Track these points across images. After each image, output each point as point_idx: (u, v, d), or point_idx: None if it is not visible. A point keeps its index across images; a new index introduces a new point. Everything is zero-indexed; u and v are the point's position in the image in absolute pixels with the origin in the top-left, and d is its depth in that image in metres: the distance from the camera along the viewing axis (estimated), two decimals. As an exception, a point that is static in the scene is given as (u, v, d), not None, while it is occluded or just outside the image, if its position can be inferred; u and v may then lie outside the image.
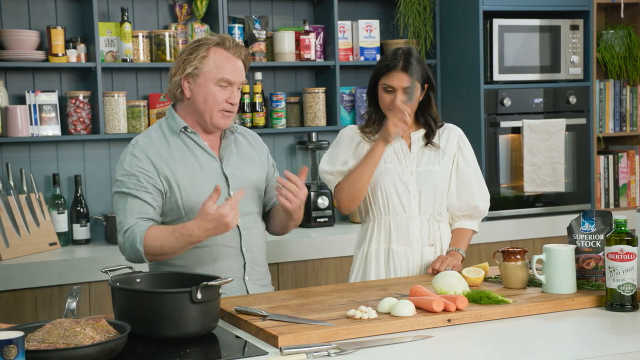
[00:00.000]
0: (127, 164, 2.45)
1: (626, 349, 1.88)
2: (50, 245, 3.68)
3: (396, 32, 4.43)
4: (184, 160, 2.48)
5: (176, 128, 2.50)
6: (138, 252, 2.36)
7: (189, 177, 2.47)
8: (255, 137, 2.71)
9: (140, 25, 3.99)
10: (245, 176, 2.56)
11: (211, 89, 2.45)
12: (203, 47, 2.45)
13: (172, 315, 1.95)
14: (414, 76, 2.69)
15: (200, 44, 2.46)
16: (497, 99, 4.21)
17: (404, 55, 2.71)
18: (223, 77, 2.44)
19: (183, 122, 2.50)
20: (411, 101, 2.71)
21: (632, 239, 2.19)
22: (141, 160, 2.44)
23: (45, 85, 3.85)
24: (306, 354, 1.83)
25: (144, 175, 2.43)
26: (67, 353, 1.73)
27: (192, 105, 2.49)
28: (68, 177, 3.89)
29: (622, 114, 4.65)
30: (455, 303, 2.13)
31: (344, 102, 4.28)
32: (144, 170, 2.43)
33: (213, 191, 2.27)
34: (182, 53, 2.50)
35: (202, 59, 2.44)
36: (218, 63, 2.44)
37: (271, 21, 4.25)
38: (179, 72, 2.47)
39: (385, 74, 2.72)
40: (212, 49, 2.45)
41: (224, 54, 2.45)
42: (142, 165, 2.44)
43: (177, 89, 2.49)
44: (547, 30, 4.31)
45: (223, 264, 2.49)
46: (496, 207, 4.23)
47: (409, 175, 2.76)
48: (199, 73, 2.44)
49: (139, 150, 2.46)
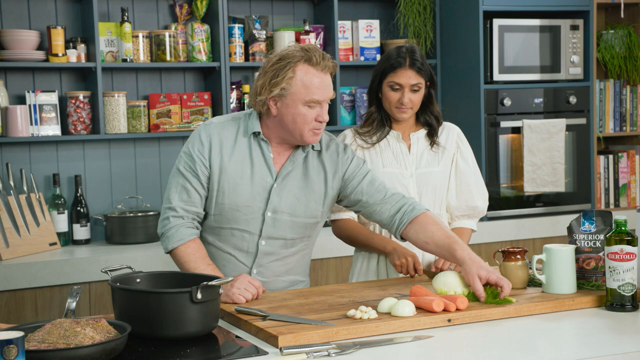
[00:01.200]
0: (191, 143, 2.45)
1: (626, 349, 1.88)
2: (51, 246, 3.68)
3: (396, 32, 4.43)
4: (239, 164, 2.43)
5: (248, 131, 2.43)
6: (166, 246, 2.43)
7: (234, 181, 2.42)
8: (339, 148, 2.53)
9: (140, 25, 3.99)
10: (292, 204, 2.44)
11: (300, 109, 2.34)
12: (289, 66, 2.33)
13: (172, 315, 1.95)
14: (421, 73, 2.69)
15: (286, 62, 2.34)
16: (497, 99, 4.21)
17: (410, 53, 2.71)
18: (312, 98, 2.34)
19: (258, 127, 2.41)
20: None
21: (632, 239, 2.19)
22: (203, 144, 2.43)
23: (45, 85, 3.85)
24: (306, 354, 1.83)
25: (199, 161, 2.42)
26: (68, 353, 1.73)
27: (279, 123, 2.39)
28: (68, 177, 3.90)
29: (622, 113, 4.65)
30: (455, 303, 2.13)
31: (344, 102, 4.28)
32: (202, 156, 2.43)
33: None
34: (266, 69, 2.38)
35: (289, 80, 2.33)
36: (306, 83, 2.33)
37: (271, 21, 4.25)
38: (264, 92, 2.35)
39: (392, 72, 2.71)
40: (298, 67, 2.34)
41: (311, 71, 2.35)
42: (203, 151, 2.43)
43: (263, 107, 2.39)
44: (547, 30, 4.31)
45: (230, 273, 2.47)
46: (496, 207, 4.23)
47: (408, 178, 2.76)
48: (286, 94, 2.34)
49: (207, 130, 2.45)
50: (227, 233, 2.46)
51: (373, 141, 2.78)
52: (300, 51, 2.37)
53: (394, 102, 2.72)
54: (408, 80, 2.69)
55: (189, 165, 2.44)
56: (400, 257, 2.63)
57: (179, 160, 2.48)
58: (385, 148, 2.78)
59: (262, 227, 2.44)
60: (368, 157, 2.77)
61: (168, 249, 2.43)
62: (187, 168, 2.44)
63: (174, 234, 2.41)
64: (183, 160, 2.46)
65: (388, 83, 2.72)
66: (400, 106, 2.71)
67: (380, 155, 2.77)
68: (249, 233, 2.45)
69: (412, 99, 2.70)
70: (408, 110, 2.72)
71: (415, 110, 2.75)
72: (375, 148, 2.78)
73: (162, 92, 4.01)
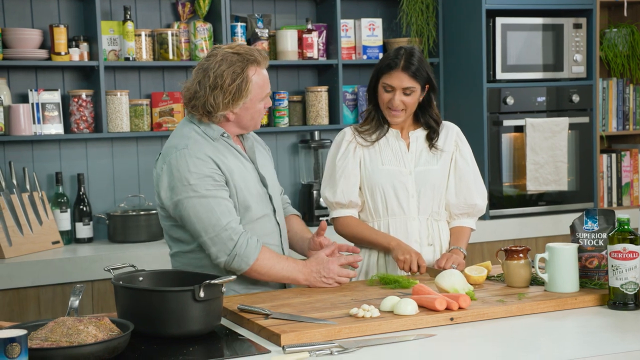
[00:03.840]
0: (193, 167, 2.38)
1: (629, 348, 1.88)
2: (53, 244, 3.68)
3: (399, 30, 4.43)
4: (233, 160, 2.49)
5: (215, 135, 2.47)
6: (246, 266, 2.39)
7: (241, 175, 2.48)
8: (258, 138, 2.73)
9: (143, 23, 3.99)
10: (271, 175, 2.62)
11: (257, 107, 2.49)
12: (244, 76, 2.41)
13: (174, 313, 1.95)
14: (415, 77, 2.69)
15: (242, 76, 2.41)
16: (500, 98, 4.21)
17: (406, 55, 2.70)
18: (267, 92, 2.50)
19: (221, 128, 2.49)
20: None
21: (635, 238, 2.19)
22: (205, 161, 2.41)
23: (48, 84, 3.85)
24: (309, 352, 1.83)
25: (216, 174, 2.41)
26: (70, 351, 1.74)
27: (235, 124, 2.51)
28: (71, 175, 3.90)
29: (625, 112, 4.65)
30: (457, 302, 2.13)
31: (347, 100, 4.27)
32: (214, 169, 2.41)
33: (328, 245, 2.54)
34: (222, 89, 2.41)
35: (247, 91, 2.43)
36: (260, 84, 2.46)
37: (274, 20, 4.25)
38: (228, 108, 2.43)
39: (386, 73, 2.72)
40: (250, 71, 2.43)
41: (259, 70, 2.46)
42: (210, 165, 2.41)
43: (220, 118, 2.47)
44: (550, 28, 4.30)
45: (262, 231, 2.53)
46: (499, 205, 4.23)
47: (407, 176, 2.76)
48: (247, 101, 2.45)
49: (197, 152, 2.41)
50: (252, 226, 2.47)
51: (372, 139, 2.78)
52: (242, 56, 2.44)
53: (386, 103, 2.73)
54: (400, 83, 2.69)
55: (211, 185, 2.39)
56: (404, 253, 2.63)
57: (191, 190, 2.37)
58: (385, 146, 2.78)
59: (273, 204, 2.57)
60: (367, 154, 2.77)
61: (249, 265, 2.39)
62: (211, 187, 2.39)
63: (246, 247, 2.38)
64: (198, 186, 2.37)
65: (382, 84, 2.73)
66: (391, 107, 2.71)
67: (379, 153, 2.77)
68: (267, 216, 2.53)
69: (403, 101, 2.70)
70: (400, 113, 2.72)
71: (409, 113, 2.75)
72: (374, 146, 2.78)
73: (165, 91, 4.01)
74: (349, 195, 2.76)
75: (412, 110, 2.75)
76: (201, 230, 2.38)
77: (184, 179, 2.38)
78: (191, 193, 2.37)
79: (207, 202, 2.38)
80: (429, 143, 2.78)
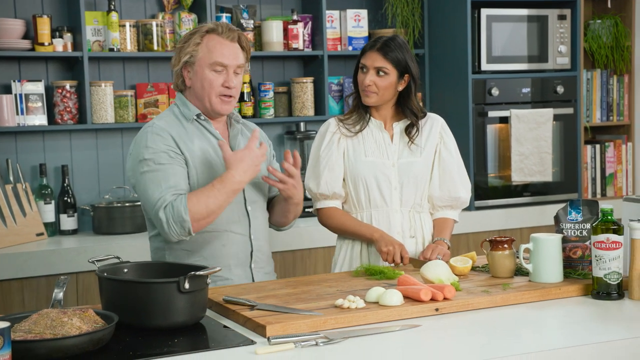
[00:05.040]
0: (151, 142, 2.42)
1: (612, 337, 1.89)
2: (38, 236, 3.66)
3: (384, 21, 4.42)
4: (200, 145, 2.48)
5: (189, 115, 2.50)
6: (186, 223, 2.32)
7: (206, 161, 2.47)
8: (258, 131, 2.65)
9: (127, 14, 3.97)
10: None
11: (206, 74, 2.46)
12: (196, 35, 2.48)
13: (159, 305, 1.95)
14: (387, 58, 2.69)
15: (194, 32, 2.50)
16: (485, 89, 4.22)
17: (385, 39, 2.73)
18: (216, 60, 2.45)
19: (196, 109, 2.51)
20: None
21: (618, 228, 2.20)
22: (165, 138, 2.43)
23: (31, 75, 3.83)
24: (294, 343, 1.84)
25: (172, 151, 2.42)
26: (54, 343, 1.73)
27: (194, 94, 2.51)
28: (55, 167, 3.88)
29: (609, 103, 4.67)
30: (443, 292, 2.13)
31: (332, 91, 4.27)
32: (170, 146, 2.43)
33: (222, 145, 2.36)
34: (179, 44, 2.53)
35: (195, 46, 2.46)
36: (210, 48, 2.46)
37: (259, 10, 4.23)
38: (176, 63, 2.50)
39: (363, 54, 2.75)
40: (205, 36, 2.47)
41: (217, 38, 2.47)
42: (168, 142, 2.43)
43: (179, 79, 2.52)
44: (535, 20, 4.31)
45: (231, 250, 2.50)
46: (484, 196, 4.24)
47: (390, 168, 2.76)
48: (194, 61, 2.47)
49: (159, 129, 2.45)
50: None
51: (356, 130, 2.78)
52: (208, 25, 2.52)
53: (361, 85, 2.73)
54: (372, 62, 2.71)
55: (164, 159, 2.39)
56: (388, 244, 2.63)
57: (145, 165, 2.38)
58: (368, 137, 2.78)
59: (245, 193, 2.53)
60: (351, 145, 2.77)
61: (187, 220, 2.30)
62: (164, 161, 2.39)
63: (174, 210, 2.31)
64: (152, 161, 2.39)
65: (359, 65, 2.76)
66: (364, 89, 2.72)
67: (362, 144, 2.77)
68: (236, 203, 2.48)
69: (375, 82, 2.71)
70: (371, 94, 2.72)
71: (383, 98, 2.74)
72: (358, 137, 2.78)
73: (150, 82, 3.99)
74: (332, 186, 2.76)
75: (385, 95, 2.74)
76: (149, 208, 2.40)
77: (140, 154, 2.42)
78: (144, 167, 2.40)
79: (154, 176, 2.38)
80: (408, 138, 2.78)
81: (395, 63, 2.70)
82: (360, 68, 2.75)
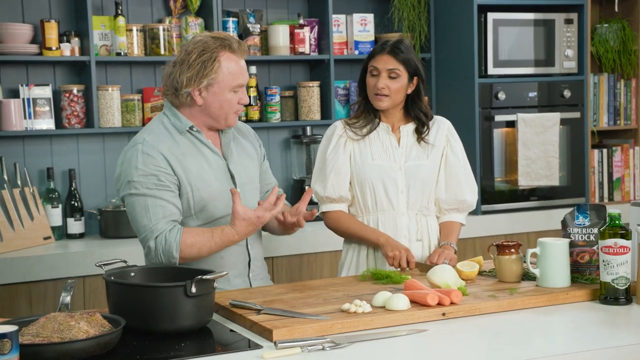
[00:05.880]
0: (141, 164, 2.38)
1: (620, 343, 1.88)
2: (45, 240, 3.67)
3: (391, 26, 4.42)
4: (193, 158, 2.45)
5: (182, 128, 2.46)
6: (173, 259, 2.35)
7: (200, 174, 2.44)
8: (248, 129, 2.70)
9: (135, 18, 3.98)
10: (247, 172, 2.57)
11: (227, 96, 2.43)
12: (214, 56, 2.40)
13: (166, 309, 1.95)
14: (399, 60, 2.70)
15: (210, 53, 2.40)
16: (492, 93, 4.22)
17: (394, 42, 2.74)
18: (238, 83, 2.44)
19: (189, 121, 2.47)
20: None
21: (626, 233, 2.20)
22: (155, 158, 2.39)
23: (39, 79, 3.84)
24: (301, 347, 1.83)
25: (163, 173, 2.39)
26: (62, 347, 1.73)
27: (204, 111, 2.45)
28: (62, 171, 3.89)
29: (616, 107, 4.66)
30: (449, 297, 2.13)
31: (339, 96, 4.27)
32: (161, 168, 2.39)
33: (235, 196, 2.33)
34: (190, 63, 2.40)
35: (217, 70, 2.40)
36: (232, 70, 2.42)
37: (265, 15, 4.24)
38: (191, 84, 2.40)
39: (373, 58, 2.75)
40: (221, 55, 2.40)
41: (233, 58, 2.42)
42: (158, 163, 2.39)
43: (187, 98, 2.44)
44: (542, 24, 4.31)
45: (229, 262, 2.49)
46: (491, 200, 4.24)
47: (397, 171, 2.76)
48: (213, 83, 2.41)
49: (150, 148, 2.40)
50: (212, 225, 2.45)
51: (363, 133, 2.78)
52: (218, 40, 2.43)
53: (372, 89, 2.73)
54: (385, 65, 2.71)
55: (152, 184, 2.37)
56: (394, 249, 2.63)
57: (133, 187, 2.38)
58: (375, 140, 2.78)
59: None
60: (357, 148, 2.78)
61: (175, 258, 2.35)
62: (152, 187, 2.37)
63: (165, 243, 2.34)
64: (140, 184, 2.37)
65: (369, 69, 2.75)
66: (377, 92, 2.71)
67: (369, 147, 2.77)
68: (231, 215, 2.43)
69: (388, 85, 2.71)
70: (384, 98, 2.72)
71: (395, 101, 2.74)
72: (364, 140, 2.78)
73: (156, 86, 4.00)
74: (339, 189, 2.76)
75: (397, 98, 2.74)
76: (136, 231, 2.43)
77: (129, 174, 2.40)
78: (132, 190, 2.39)
79: (143, 201, 2.37)
80: (418, 136, 2.78)
81: (407, 64, 2.71)
82: (369, 72, 2.75)
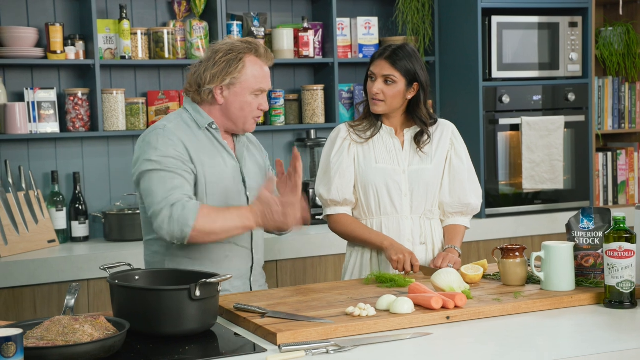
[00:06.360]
0: (162, 145, 2.38)
1: (625, 346, 1.88)
2: (49, 243, 3.68)
3: (395, 29, 4.43)
4: (210, 154, 2.47)
5: (203, 123, 2.48)
6: (187, 228, 2.27)
7: (215, 170, 2.46)
8: (257, 140, 2.71)
9: (139, 22, 3.99)
10: (256, 180, 2.57)
11: (247, 98, 2.46)
12: (240, 57, 2.44)
13: (171, 312, 1.95)
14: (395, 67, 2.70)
15: (236, 54, 2.44)
16: (496, 96, 4.21)
17: (394, 48, 2.74)
18: (260, 87, 2.47)
19: (210, 118, 2.49)
20: None
21: (630, 236, 2.19)
22: (175, 143, 2.40)
23: (43, 83, 3.85)
24: (305, 351, 1.83)
25: (181, 158, 2.39)
26: (66, 350, 1.73)
27: (224, 111, 2.48)
28: (67, 174, 3.89)
29: (621, 111, 4.65)
30: (454, 300, 2.13)
31: (343, 99, 4.27)
32: (181, 153, 2.40)
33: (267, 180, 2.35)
34: (215, 61, 2.44)
35: (241, 70, 2.43)
36: (255, 73, 2.45)
37: (270, 18, 4.25)
38: (214, 81, 2.44)
39: (372, 62, 2.76)
40: (247, 58, 2.44)
41: (259, 62, 2.46)
42: (178, 148, 2.40)
43: (208, 96, 2.46)
44: (546, 27, 4.30)
45: (232, 264, 2.50)
46: (495, 204, 4.23)
47: (401, 175, 2.76)
48: (236, 83, 2.44)
49: (170, 133, 2.42)
50: None
51: (367, 136, 2.78)
52: (246, 43, 2.48)
53: (370, 93, 2.74)
54: (380, 70, 2.71)
55: (172, 164, 2.36)
56: (398, 252, 2.63)
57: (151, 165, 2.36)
58: (379, 143, 2.78)
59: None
60: (361, 152, 2.78)
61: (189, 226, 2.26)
62: (171, 167, 2.36)
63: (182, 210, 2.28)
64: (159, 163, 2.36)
65: (368, 73, 2.77)
66: (372, 97, 2.72)
67: (373, 151, 2.77)
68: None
69: (383, 90, 2.71)
70: (379, 103, 2.73)
71: (391, 106, 2.74)
72: (368, 143, 2.78)
73: (161, 90, 4.01)
74: (343, 192, 2.76)
75: (393, 103, 2.74)
76: (151, 203, 2.35)
77: (148, 154, 2.39)
78: (150, 167, 2.38)
79: (163, 175, 2.36)
80: (417, 145, 2.77)
81: (404, 71, 2.70)
82: (369, 76, 2.76)
